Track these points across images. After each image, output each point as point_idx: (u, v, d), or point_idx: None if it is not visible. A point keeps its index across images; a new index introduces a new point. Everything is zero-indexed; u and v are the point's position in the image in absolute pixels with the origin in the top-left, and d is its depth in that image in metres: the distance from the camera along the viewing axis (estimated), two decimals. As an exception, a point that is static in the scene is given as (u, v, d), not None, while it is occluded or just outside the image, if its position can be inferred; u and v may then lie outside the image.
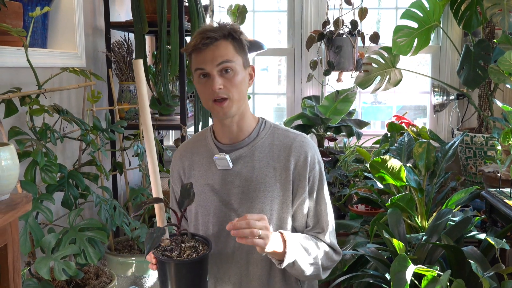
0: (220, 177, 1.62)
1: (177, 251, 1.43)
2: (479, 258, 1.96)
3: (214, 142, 1.66)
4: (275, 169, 1.59)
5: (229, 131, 1.62)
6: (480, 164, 3.28)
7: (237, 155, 1.61)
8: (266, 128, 1.65)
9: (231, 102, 1.54)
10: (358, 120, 3.69)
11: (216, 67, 1.52)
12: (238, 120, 1.60)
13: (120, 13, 3.26)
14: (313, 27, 3.81)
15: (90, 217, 2.72)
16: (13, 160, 1.24)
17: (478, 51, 3.22)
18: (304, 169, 1.59)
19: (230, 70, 1.53)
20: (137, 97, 2.93)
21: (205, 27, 1.57)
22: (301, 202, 1.59)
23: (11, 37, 2.00)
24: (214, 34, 1.52)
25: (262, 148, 1.61)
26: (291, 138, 1.62)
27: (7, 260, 1.25)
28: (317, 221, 1.63)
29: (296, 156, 1.59)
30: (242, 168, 1.60)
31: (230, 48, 1.54)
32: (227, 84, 1.52)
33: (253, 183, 1.58)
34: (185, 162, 1.71)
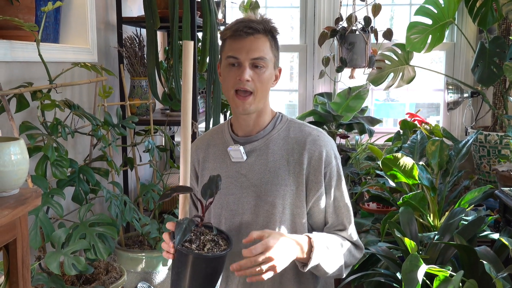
0: (233, 169, 1.60)
1: (197, 243, 1.39)
2: (492, 259, 1.93)
3: (230, 134, 1.65)
4: (289, 162, 1.57)
5: (245, 124, 1.62)
6: (494, 163, 3.24)
7: (251, 147, 1.60)
8: (282, 122, 1.64)
9: (253, 97, 1.53)
10: (370, 117, 3.66)
11: (250, 60, 1.51)
12: (256, 117, 1.60)
13: (132, 9, 3.26)
14: (326, 24, 3.79)
15: (101, 212, 2.72)
16: (23, 155, 1.23)
17: (493, 48, 3.18)
18: (319, 164, 1.56)
19: (262, 66, 1.52)
20: (148, 92, 2.93)
21: (248, 16, 1.56)
22: (317, 198, 1.57)
23: (23, 31, 2.01)
24: (257, 26, 1.52)
25: (277, 141, 1.60)
26: (306, 132, 1.60)
27: (16, 255, 1.24)
28: (336, 218, 1.60)
29: (310, 151, 1.56)
30: (256, 161, 1.58)
31: (267, 44, 1.54)
32: (256, 79, 1.52)
33: (266, 176, 1.57)
34: (200, 154, 1.70)
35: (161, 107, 3.51)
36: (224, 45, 1.57)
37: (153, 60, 2.76)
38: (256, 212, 1.57)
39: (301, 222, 1.58)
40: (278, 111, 1.69)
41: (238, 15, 3.71)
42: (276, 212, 1.55)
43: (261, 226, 1.56)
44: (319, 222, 1.61)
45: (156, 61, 2.78)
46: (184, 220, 1.34)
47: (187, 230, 1.31)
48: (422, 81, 3.97)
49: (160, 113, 3.29)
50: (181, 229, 1.31)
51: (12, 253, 1.24)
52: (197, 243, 1.39)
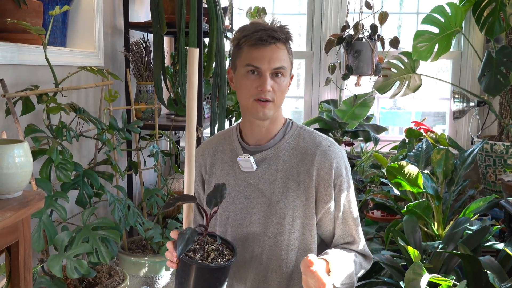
0: (242, 178, 1.58)
1: (201, 253, 1.38)
2: (496, 269, 1.92)
3: (239, 141, 1.63)
4: (299, 173, 1.54)
5: (258, 132, 1.59)
6: (499, 172, 3.22)
7: (262, 156, 1.57)
8: (292, 130, 1.61)
9: (273, 105, 1.52)
10: (375, 125, 3.65)
11: (272, 70, 1.50)
12: (269, 123, 1.58)
13: (139, 14, 3.27)
14: (333, 31, 3.79)
15: (104, 216, 2.73)
16: (27, 157, 1.24)
17: (500, 58, 3.17)
18: (329, 175, 1.53)
19: (281, 75, 1.52)
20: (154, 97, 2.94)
21: (264, 24, 1.53)
22: (327, 210, 1.54)
23: (30, 35, 2.02)
24: (279, 35, 1.50)
25: (287, 151, 1.57)
26: (316, 142, 1.58)
27: (18, 257, 1.25)
28: (345, 230, 1.57)
29: (320, 162, 1.53)
30: (266, 171, 1.56)
31: (286, 53, 1.53)
32: (275, 88, 1.51)
33: (276, 187, 1.54)
34: (207, 160, 1.66)
35: (167, 112, 3.52)
36: (240, 52, 1.53)
37: (159, 65, 2.77)
38: (265, 223, 1.54)
39: (311, 233, 1.55)
40: (288, 118, 1.67)
41: (245, 21, 3.72)
42: (286, 223, 1.53)
43: (270, 237, 1.54)
44: (327, 233, 1.59)
45: (162, 66, 2.79)
46: (187, 230, 1.32)
47: (190, 241, 1.30)
48: (428, 90, 3.96)
49: (166, 118, 3.29)
50: (183, 239, 1.30)
51: (14, 255, 1.25)
52: (201, 252, 1.37)
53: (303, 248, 1.55)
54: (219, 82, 2.86)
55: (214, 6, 2.73)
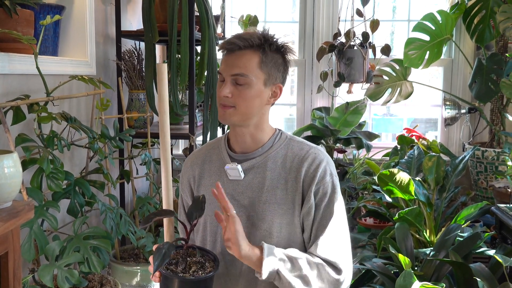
0: (231, 187, 1.57)
1: (183, 266, 1.38)
2: (487, 276, 1.93)
3: (227, 150, 1.62)
4: (287, 181, 1.54)
5: (242, 140, 1.58)
6: (491, 179, 3.24)
7: (249, 165, 1.56)
8: (282, 140, 1.60)
9: (235, 110, 1.50)
10: (368, 132, 3.67)
11: (230, 76, 1.48)
12: (252, 132, 1.56)
13: (131, 22, 3.28)
14: (324, 39, 3.81)
15: (96, 225, 2.72)
16: (16, 168, 1.24)
17: (490, 65, 3.19)
18: (313, 179, 1.52)
19: (244, 83, 1.48)
20: (146, 105, 2.94)
21: (244, 32, 1.53)
22: (307, 212, 1.52)
23: (21, 44, 2.02)
24: (240, 42, 1.48)
25: (275, 159, 1.56)
26: (304, 150, 1.57)
27: (7, 268, 1.25)
28: (316, 234, 1.53)
29: (306, 167, 1.53)
30: (254, 179, 1.55)
31: (254, 60, 1.48)
32: (236, 95, 1.48)
33: (264, 194, 1.53)
34: (196, 170, 1.66)
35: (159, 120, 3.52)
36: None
37: (151, 74, 2.77)
38: (253, 232, 1.53)
39: (297, 240, 1.54)
40: (277, 128, 1.65)
41: (237, 29, 3.73)
42: (274, 231, 1.52)
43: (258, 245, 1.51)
44: (307, 238, 1.56)
45: (154, 75, 2.79)
46: (165, 245, 1.33)
47: (166, 256, 1.31)
48: (420, 97, 3.98)
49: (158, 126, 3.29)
50: (160, 254, 1.31)
51: (4, 266, 1.25)
52: (183, 265, 1.38)
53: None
54: (211, 90, 2.86)
55: (206, 15, 2.74)
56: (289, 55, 1.56)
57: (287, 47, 1.54)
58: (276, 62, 1.52)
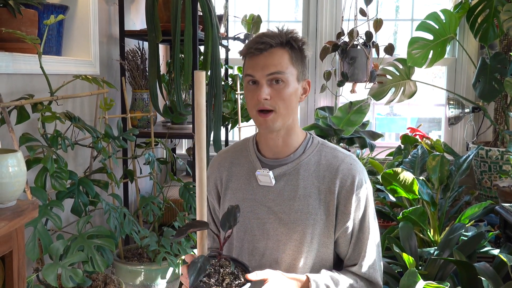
0: (260, 193, 1.53)
1: (216, 278, 1.34)
2: (491, 275, 1.92)
3: (256, 154, 1.57)
4: (320, 190, 1.49)
5: (274, 145, 1.53)
6: (495, 178, 3.23)
7: (281, 171, 1.51)
8: (313, 145, 1.55)
9: (276, 115, 1.44)
10: (371, 131, 3.66)
11: (266, 76, 1.43)
12: (284, 134, 1.51)
13: (135, 22, 3.28)
14: (328, 38, 3.81)
15: (100, 224, 2.73)
16: (20, 167, 1.24)
17: (494, 64, 3.19)
18: (350, 193, 1.48)
19: (281, 81, 1.44)
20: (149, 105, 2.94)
21: (265, 31, 1.50)
22: (345, 228, 1.49)
23: (26, 44, 2.02)
24: (271, 40, 1.44)
25: (308, 167, 1.51)
26: (339, 158, 1.51)
27: (12, 267, 1.25)
28: (355, 249, 1.51)
29: (342, 179, 1.48)
30: (285, 186, 1.51)
31: (285, 57, 1.45)
32: (275, 96, 1.44)
33: (296, 203, 1.49)
34: (223, 172, 1.62)
35: (162, 120, 3.53)
36: (244, 64, 1.52)
37: (155, 73, 2.77)
38: (283, 240, 1.50)
39: (327, 251, 1.52)
40: (308, 132, 1.60)
41: (240, 29, 3.73)
42: (305, 241, 1.48)
43: (288, 255, 1.49)
44: (343, 252, 1.54)
45: (158, 74, 2.79)
46: (200, 258, 1.28)
47: (202, 270, 1.25)
48: (423, 96, 3.98)
49: (161, 126, 3.30)
50: (195, 268, 1.25)
51: (8, 265, 1.25)
52: (216, 277, 1.34)
53: (317, 264, 1.52)
54: (214, 89, 2.86)
55: (209, 14, 2.74)
56: (307, 51, 1.53)
57: (307, 43, 1.52)
58: (302, 58, 1.50)
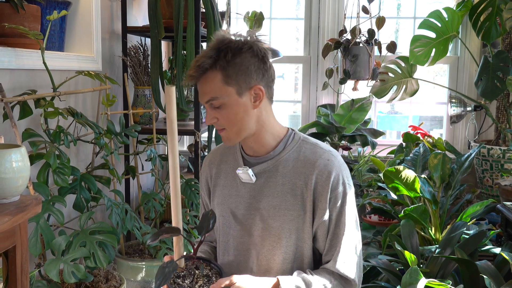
0: (243, 190, 1.56)
1: (190, 279, 1.38)
2: (493, 273, 1.93)
3: (241, 152, 1.60)
4: (297, 186, 1.50)
5: (250, 146, 1.56)
6: (496, 177, 3.23)
7: (261, 169, 1.54)
8: (294, 141, 1.56)
9: (228, 132, 1.48)
10: (373, 129, 3.66)
11: (205, 103, 1.47)
12: (254, 139, 1.53)
13: (137, 18, 3.28)
14: (330, 35, 3.80)
15: (102, 220, 2.73)
16: (24, 162, 1.24)
17: (496, 63, 3.18)
18: (325, 189, 1.48)
19: (219, 105, 1.45)
20: (151, 101, 2.94)
21: (196, 58, 1.47)
22: (321, 223, 1.50)
23: (28, 39, 2.02)
24: (195, 72, 1.44)
25: (287, 163, 1.52)
26: (318, 154, 1.52)
27: (15, 262, 1.25)
28: (331, 245, 1.51)
29: (318, 174, 1.49)
30: (265, 183, 1.53)
31: (217, 80, 1.43)
32: (220, 117, 1.46)
33: (275, 200, 1.51)
34: (213, 170, 1.66)
35: (164, 116, 3.53)
36: None
37: (157, 70, 2.77)
38: (263, 235, 1.53)
39: (306, 246, 1.53)
40: (291, 128, 1.60)
41: (242, 26, 3.73)
42: (283, 236, 1.51)
43: (268, 250, 1.52)
44: (321, 247, 1.55)
45: (160, 71, 2.79)
46: (169, 264, 1.33)
47: (168, 276, 1.31)
48: (425, 94, 3.98)
49: (163, 122, 3.30)
50: (163, 273, 1.31)
51: (11, 260, 1.25)
52: (190, 279, 1.39)
53: (298, 259, 1.54)
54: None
55: (211, 11, 2.74)
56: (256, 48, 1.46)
57: (248, 42, 1.45)
58: (242, 67, 1.43)
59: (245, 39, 1.45)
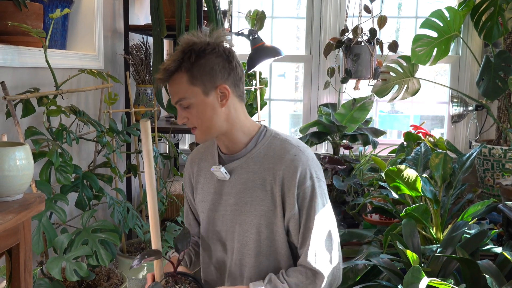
0: (219, 187, 1.62)
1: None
2: (494, 273, 1.93)
3: (217, 150, 1.66)
4: (267, 182, 1.54)
5: (224, 144, 1.61)
6: (497, 176, 3.23)
7: (234, 166, 1.59)
8: (265, 138, 1.59)
9: (199, 130, 1.54)
10: (374, 128, 3.66)
11: (175, 104, 1.53)
12: (226, 137, 1.58)
13: (139, 17, 3.28)
14: (332, 35, 3.80)
15: (104, 218, 2.73)
16: (28, 160, 1.24)
17: (498, 62, 3.18)
18: (292, 183, 1.51)
19: (187, 105, 1.50)
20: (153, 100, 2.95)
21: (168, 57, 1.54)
22: (291, 217, 1.53)
23: (31, 37, 2.02)
24: (162, 76, 1.50)
25: (257, 160, 1.56)
26: (285, 150, 1.55)
27: (19, 259, 1.25)
28: (303, 239, 1.54)
29: (285, 170, 1.52)
30: (237, 180, 1.58)
31: (183, 81, 1.49)
32: (190, 116, 1.52)
33: (246, 195, 1.56)
34: (194, 168, 1.72)
35: (166, 115, 3.53)
36: None
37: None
38: (240, 231, 1.58)
39: (281, 240, 1.57)
40: (263, 125, 1.64)
41: (244, 24, 3.73)
42: (255, 231, 1.56)
43: (242, 245, 1.58)
44: (295, 242, 1.57)
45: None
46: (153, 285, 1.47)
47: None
48: (427, 94, 3.97)
49: (165, 121, 3.30)
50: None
51: (15, 257, 1.25)
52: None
53: (274, 253, 1.58)
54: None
55: (214, 10, 2.74)
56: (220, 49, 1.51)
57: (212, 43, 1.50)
58: (206, 67, 1.49)
59: (209, 40, 1.51)
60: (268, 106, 4.04)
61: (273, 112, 4.14)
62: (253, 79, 3.64)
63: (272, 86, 4.07)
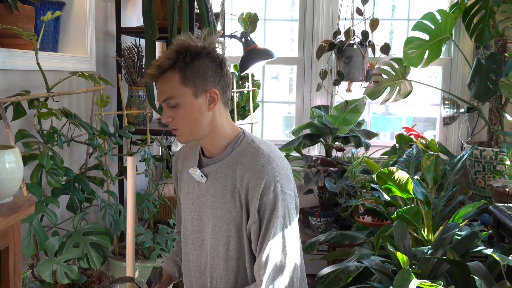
0: (198, 188, 1.65)
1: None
2: (484, 274, 1.94)
3: (200, 152, 1.68)
4: (236, 188, 1.56)
5: (205, 148, 1.64)
6: (489, 178, 3.25)
7: (210, 170, 1.61)
8: (242, 144, 1.59)
9: (181, 131, 1.55)
10: (366, 130, 3.68)
11: (162, 102, 1.54)
12: (208, 141, 1.60)
13: (131, 19, 3.28)
14: (324, 37, 3.82)
15: (95, 221, 2.72)
16: (17, 163, 1.24)
17: (489, 65, 3.20)
18: (256, 194, 1.51)
19: (175, 104, 1.51)
20: (146, 102, 2.94)
21: (157, 58, 1.54)
22: (251, 225, 1.53)
23: (22, 40, 2.02)
24: (154, 71, 1.50)
25: (231, 166, 1.57)
26: (255, 159, 1.55)
27: (8, 263, 1.25)
28: (259, 250, 1.53)
29: (250, 179, 1.52)
30: (212, 184, 1.60)
31: (175, 80, 1.50)
32: (175, 116, 1.53)
33: (218, 200, 1.58)
34: (179, 165, 1.75)
35: (158, 117, 3.52)
36: None
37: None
38: (213, 233, 1.61)
39: (248, 246, 1.58)
40: (243, 130, 1.64)
41: (237, 27, 3.73)
42: (224, 235, 1.58)
43: (213, 247, 1.61)
44: (255, 251, 1.57)
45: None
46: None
47: None
48: (419, 96, 3.99)
49: (157, 123, 3.30)
50: None
51: (4, 260, 1.25)
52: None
53: (243, 257, 1.60)
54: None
55: (206, 12, 2.74)
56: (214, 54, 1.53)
57: (207, 48, 1.52)
58: (199, 70, 1.51)
59: (204, 44, 1.53)
60: (261, 108, 4.05)
61: (267, 114, 4.14)
62: (246, 82, 3.65)
63: (266, 88, 4.08)
